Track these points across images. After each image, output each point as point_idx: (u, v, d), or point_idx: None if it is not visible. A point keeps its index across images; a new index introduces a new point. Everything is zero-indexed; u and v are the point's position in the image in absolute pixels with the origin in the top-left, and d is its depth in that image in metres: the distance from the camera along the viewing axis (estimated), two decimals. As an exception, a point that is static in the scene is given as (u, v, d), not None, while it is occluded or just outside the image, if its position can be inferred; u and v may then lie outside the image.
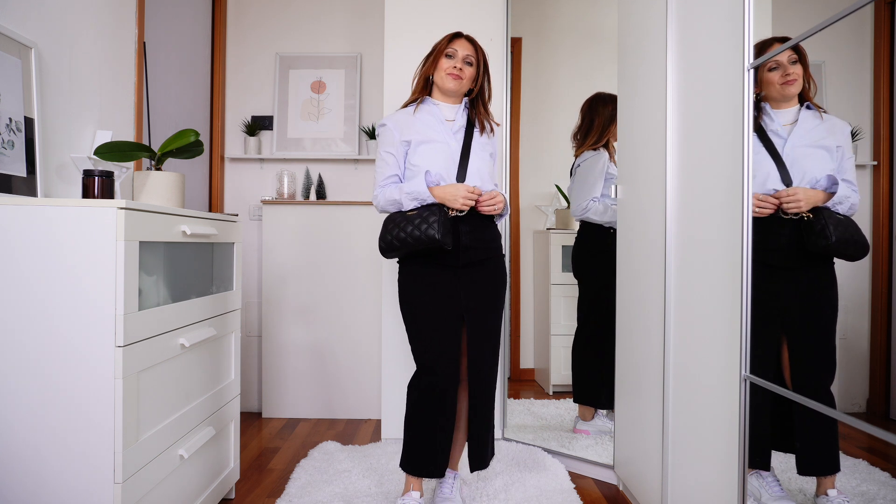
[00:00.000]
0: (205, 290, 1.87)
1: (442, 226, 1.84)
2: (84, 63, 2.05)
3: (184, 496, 1.73)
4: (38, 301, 1.38)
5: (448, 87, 2.00)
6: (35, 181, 1.76)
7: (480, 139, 2.04)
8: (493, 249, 2.02)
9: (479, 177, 1.98)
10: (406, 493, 2.01)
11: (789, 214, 1.31)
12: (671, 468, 1.81)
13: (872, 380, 1.15)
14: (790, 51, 1.31)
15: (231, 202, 3.44)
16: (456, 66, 1.99)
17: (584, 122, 2.80)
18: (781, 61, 1.34)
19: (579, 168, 2.75)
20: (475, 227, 1.97)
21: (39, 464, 1.38)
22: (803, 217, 1.28)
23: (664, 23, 1.85)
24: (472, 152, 2.00)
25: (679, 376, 1.77)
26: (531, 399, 3.24)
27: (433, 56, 2.04)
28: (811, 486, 1.31)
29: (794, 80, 1.33)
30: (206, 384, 1.87)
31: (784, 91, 1.35)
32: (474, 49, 2.04)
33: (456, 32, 2.06)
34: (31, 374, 1.38)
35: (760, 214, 1.35)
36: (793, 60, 1.32)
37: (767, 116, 1.38)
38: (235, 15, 3.43)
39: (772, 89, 1.37)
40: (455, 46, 2.02)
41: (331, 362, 3.19)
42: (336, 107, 3.40)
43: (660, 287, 1.87)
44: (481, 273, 1.99)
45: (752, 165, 1.37)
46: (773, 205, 1.33)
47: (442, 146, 1.98)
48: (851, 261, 1.21)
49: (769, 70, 1.36)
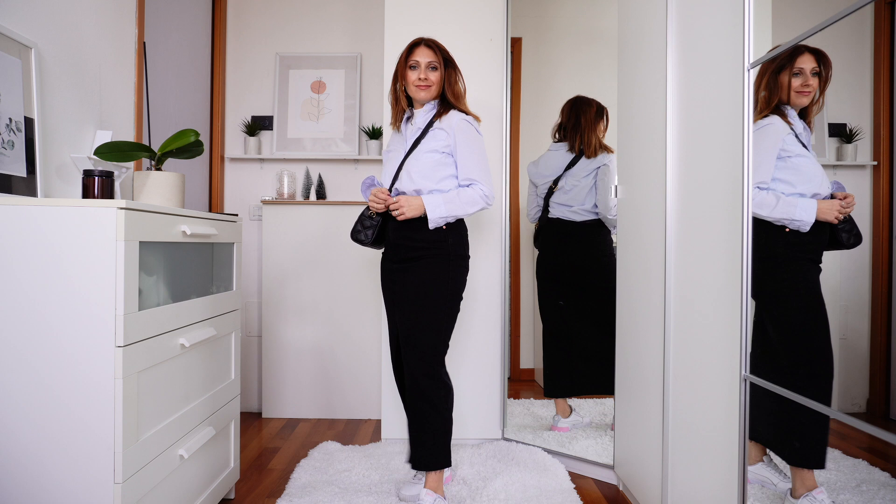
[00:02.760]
0: (205, 290, 1.87)
1: (359, 222, 2.10)
2: (84, 63, 2.05)
3: (184, 496, 1.73)
4: (37, 301, 1.38)
5: (420, 98, 2.08)
6: (35, 181, 1.76)
7: (433, 133, 2.04)
8: (423, 249, 2.01)
9: (411, 179, 2.02)
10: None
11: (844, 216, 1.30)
12: (671, 468, 1.81)
13: (872, 380, 1.15)
14: (814, 62, 1.30)
15: (231, 202, 3.44)
16: (421, 77, 2.04)
17: (570, 119, 2.81)
18: (805, 69, 1.33)
19: (605, 168, 2.74)
20: (401, 227, 2.04)
21: (39, 464, 1.38)
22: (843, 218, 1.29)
23: (664, 23, 1.85)
24: (412, 155, 2.05)
25: (679, 376, 1.77)
26: (531, 399, 3.24)
27: (398, 70, 2.10)
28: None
29: (808, 91, 1.33)
30: (206, 384, 1.87)
31: (797, 100, 1.35)
32: (435, 53, 2.06)
33: (415, 41, 2.09)
34: (31, 374, 1.38)
35: (837, 220, 1.34)
36: (814, 72, 1.32)
37: (793, 120, 1.37)
38: (235, 15, 3.43)
39: (784, 93, 1.37)
40: (416, 57, 2.06)
41: (331, 362, 3.19)
42: (336, 107, 3.40)
43: (660, 287, 1.87)
44: (409, 271, 2.03)
45: (802, 169, 1.36)
46: (844, 209, 1.33)
47: (394, 153, 2.13)
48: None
49: (794, 75, 1.35)
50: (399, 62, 2.09)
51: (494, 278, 2.74)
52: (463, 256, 2.06)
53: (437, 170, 2.02)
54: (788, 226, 1.38)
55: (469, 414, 2.71)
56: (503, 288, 2.75)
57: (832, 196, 1.31)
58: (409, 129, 2.11)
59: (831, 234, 1.29)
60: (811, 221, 1.34)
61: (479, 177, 2.02)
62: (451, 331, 2.05)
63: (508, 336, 2.84)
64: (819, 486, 1.29)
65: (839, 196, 1.29)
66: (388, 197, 2.01)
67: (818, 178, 1.36)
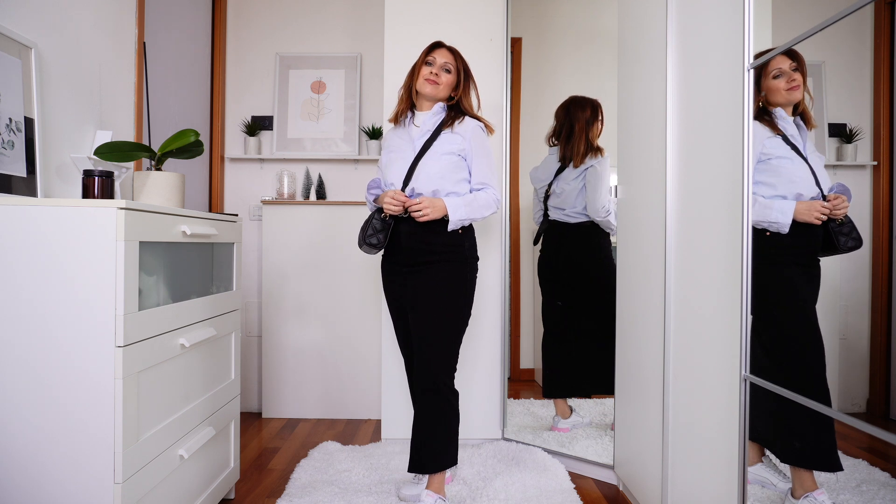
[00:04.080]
0: (205, 291, 1.87)
1: (369, 226, 2.02)
2: (84, 63, 2.05)
3: (184, 496, 1.72)
4: (37, 301, 1.38)
5: (424, 91, 2.08)
6: (35, 181, 1.76)
7: (444, 139, 2.03)
8: (440, 253, 2.00)
9: (429, 180, 2.00)
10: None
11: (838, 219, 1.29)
12: (671, 468, 1.81)
13: (872, 380, 1.15)
14: (789, 59, 1.32)
15: (231, 202, 3.43)
16: (433, 73, 2.06)
17: (564, 125, 2.81)
18: (784, 69, 1.35)
19: (593, 169, 2.75)
20: (417, 231, 2.00)
21: (39, 464, 1.38)
22: (837, 220, 1.27)
23: (664, 23, 1.85)
24: (424, 157, 2.02)
25: (679, 376, 1.77)
26: (531, 399, 3.24)
27: (414, 67, 2.12)
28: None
29: (798, 85, 1.35)
30: (206, 384, 1.87)
31: (790, 97, 1.36)
32: (453, 57, 2.10)
33: (436, 42, 2.12)
34: (31, 374, 1.38)
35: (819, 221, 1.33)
36: (793, 68, 1.34)
37: (783, 121, 1.38)
38: (235, 15, 3.43)
39: (779, 96, 1.37)
40: (434, 55, 2.09)
41: (331, 362, 3.19)
42: (336, 107, 3.40)
43: (660, 287, 1.87)
44: (424, 275, 2.00)
45: (783, 171, 1.37)
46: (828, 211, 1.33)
47: (400, 154, 2.08)
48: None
49: (774, 78, 1.37)
50: (418, 59, 2.12)
51: (494, 278, 2.74)
52: (476, 259, 2.09)
53: (454, 172, 2.03)
54: (768, 228, 1.38)
55: (469, 414, 2.70)
56: (503, 288, 2.75)
57: (824, 197, 1.30)
58: (413, 130, 2.09)
59: (828, 237, 1.28)
60: (788, 223, 1.34)
61: (491, 182, 2.07)
62: (464, 333, 2.07)
63: (508, 336, 2.84)
64: (819, 486, 1.29)
65: (830, 198, 1.29)
66: (406, 199, 1.97)
67: (801, 179, 1.35)
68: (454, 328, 2.02)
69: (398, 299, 2.11)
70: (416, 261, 2.01)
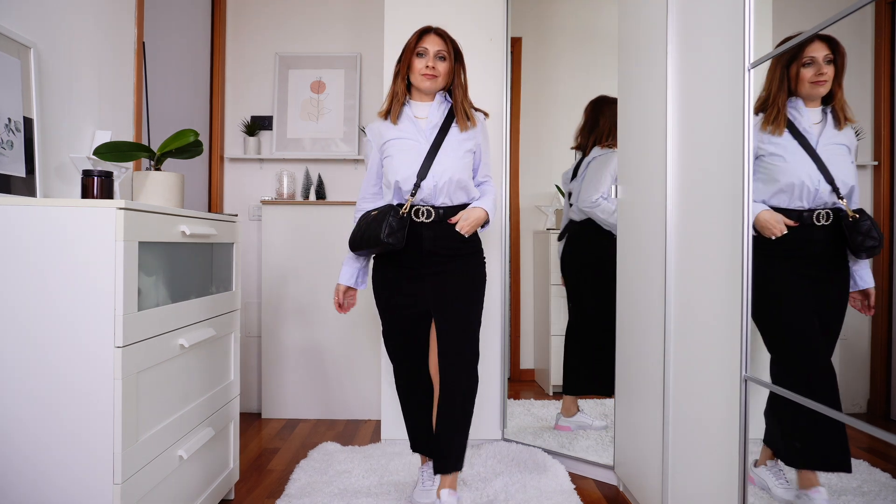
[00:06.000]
0: (204, 291, 1.87)
1: (385, 225, 1.88)
2: (83, 63, 2.05)
3: (183, 497, 1.72)
4: (36, 301, 1.38)
5: (424, 87, 2.00)
6: (34, 181, 1.76)
7: (459, 136, 2.00)
8: (462, 251, 2.00)
9: (448, 176, 1.95)
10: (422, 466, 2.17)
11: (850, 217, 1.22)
12: (671, 468, 1.81)
13: (873, 380, 1.15)
14: (827, 49, 1.24)
15: (231, 202, 3.43)
16: (428, 66, 1.96)
17: (589, 121, 2.84)
18: (817, 58, 1.25)
19: (591, 164, 2.76)
20: (441, 236, 1.97)
21: (39, 464, 1.38)
22: (849, 217, 1.22)
23: (664, 23, 1.85)
24: (441, 151, 1.97)
25: (679, 376, 1.77)
26: (531, 400, 3.23)
27: (404, 56, 2.01)
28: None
29: (824, 81, 1.26)
30: (205, 385, 1.86)
31: (812, 91, 1.28)
32: (445, 42, 2.00)
33: (424, 28, 2.02)
34: (30, 374, 1.38)
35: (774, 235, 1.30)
36: (828, 60, 1.24)
37: (797, 112, 1.31)
38: (235, 15, 3.43)
39: (802, 86, 1.30)
40: (425, 44, 1.98)
41: (331, 362, 3.19)
42: (336, 107, 3.39)
43: (660, 287, 1.87)
44: (451, 274, 1.99)
45: (771, 170, 1.35)
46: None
47: (412, 143, 1.98)
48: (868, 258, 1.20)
49: (804, 65, 1.28)
50: (405, 49, 2.01)
51: (494, 279, 2.74)
52: (485, 257, 2.12)
53: (469, 164, 2.04)
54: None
55: (469, 414, 2.70)
56: (503, 288, 2.75)
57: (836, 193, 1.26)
58: (420, 123, 2.01)
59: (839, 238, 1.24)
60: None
61: (493, 174, 2.11)
62: None
63: (508, 336, 2.84)
64: (820, 486, 1.29)
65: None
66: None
67: (791, 178, 1.31)
68: (478, 323, 2.05)
69: (412, 305, 2.01)
70: (441, 261, 1.99)
